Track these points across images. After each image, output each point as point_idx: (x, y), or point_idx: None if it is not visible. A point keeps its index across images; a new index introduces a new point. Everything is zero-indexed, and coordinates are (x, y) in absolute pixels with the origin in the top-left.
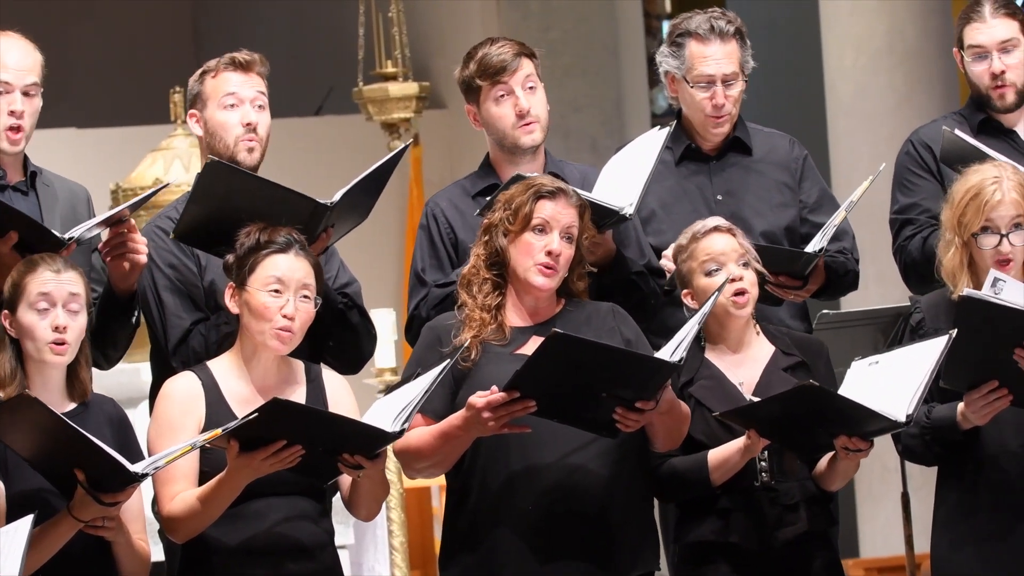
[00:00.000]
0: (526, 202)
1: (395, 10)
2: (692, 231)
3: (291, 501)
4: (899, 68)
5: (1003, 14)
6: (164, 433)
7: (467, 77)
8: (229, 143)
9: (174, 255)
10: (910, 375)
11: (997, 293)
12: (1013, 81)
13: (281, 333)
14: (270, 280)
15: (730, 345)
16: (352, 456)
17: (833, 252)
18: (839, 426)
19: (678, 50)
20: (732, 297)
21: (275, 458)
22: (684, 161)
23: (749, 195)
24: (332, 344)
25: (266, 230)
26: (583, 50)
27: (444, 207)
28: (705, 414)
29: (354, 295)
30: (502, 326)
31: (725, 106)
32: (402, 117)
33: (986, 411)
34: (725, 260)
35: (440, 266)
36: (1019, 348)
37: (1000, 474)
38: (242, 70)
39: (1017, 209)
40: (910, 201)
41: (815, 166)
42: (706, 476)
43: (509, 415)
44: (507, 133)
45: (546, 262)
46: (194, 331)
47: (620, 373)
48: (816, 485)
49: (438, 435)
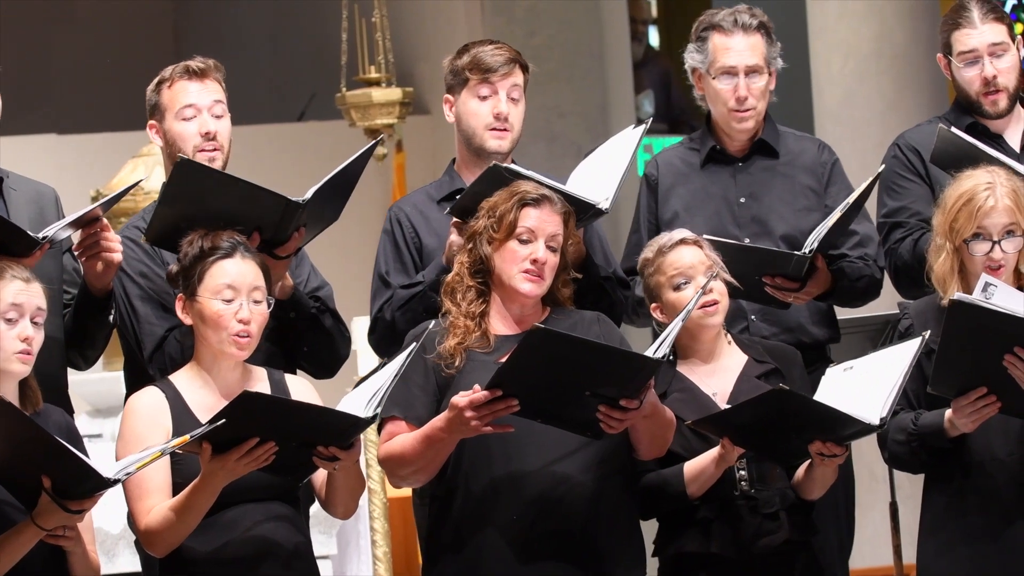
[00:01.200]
0: (510, 210)
1: (378, 15)
2: (658, 244)
3: (266, 506)
4: (887, 73)
5: (992, 18)
6: (132, 448)
7: (458, 67)
8: (188, 153)
9: (144, 263)
10: (884, 378)
11: (988, 298)
12: (1005, 86)
13: (239, 339)
14: (220, 287)
15: (702, 356)
16: (327, 448)
17: (854, 258)
18: (813, 431)
19: (702, 45)
20: (702, 307)
21: (249, 457)
22: (709, 163)
23: (772, 198)
24: (307, 349)
25: (208, 236)
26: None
27: (408, 212)
28: (681, 427)
29: (326, 299)
30: (486, 334)
31: (748, 99)
32: (385, 123)
33: (974, 418)
34: (693, 273)
35: (404, 269)
36: (1009, 354)
37: (987, 481)
38: (197, 78)
39: (1010, 216)
40: (899, 204)
41: (844, 172)
42: (683, 489)
43: (492, 414)
44: (477, 132)
45: (531, 269)
46: (169, 338)
47: (602, 369)
48: (796, 494)
49: (421, 439)
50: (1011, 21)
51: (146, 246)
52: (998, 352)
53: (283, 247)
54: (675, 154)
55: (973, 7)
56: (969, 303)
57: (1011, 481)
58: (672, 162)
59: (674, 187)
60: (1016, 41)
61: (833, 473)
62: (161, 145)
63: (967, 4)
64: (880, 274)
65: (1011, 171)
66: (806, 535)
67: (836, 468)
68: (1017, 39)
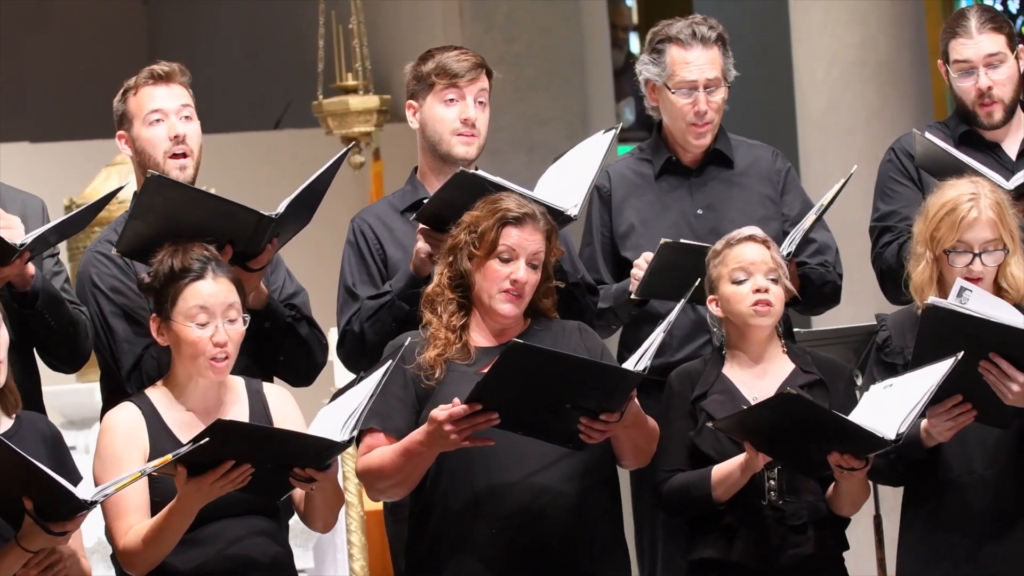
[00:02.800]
0: (492, 228)
1: (355, 21)
2: (727, 237)
3: (246, 521)
4: (872, 81)
5: (989, 28)
6: (109, 467)
7: (423, 72)
8: (159, 159)
9: (117, 279)
10: (911, 395)
11: (963, 302)
12: (1000, 97)
13: (215, 364)
14: (194, 311)
15: (750, 355)
16: (303, 470)
17: (814, 264)
18: (830, 442)
19: (659, 57)
20: (754, 306)
21: (225, 479)
22: (664, 175)
23: (730, 209)
24: (283, 359)
25: (178, 253)
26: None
27: (372, 223)
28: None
29: (302, 305)
30: (467, 345)
31: (707, 113)
32: (363, 131)
33: (950, 426)
34: (754, 270)
35: (371, 281)
36: (985, 360)
37: (965, 498)
38: (163, 82)
39: (992, 230)
40: (890, 208)
41: (798, 179)
42: (708, 492)
43: (472, 428)
44: (444, 138)
45: (511, 289)
46: (146, 355)
47: (582, 383)
48: (828, 507)
49: (400, 452)
50: (1012, 30)
51: (118, 260)
52: (974, 359)
53: (256, 259)
54: (626, 165)
55: (972, 16)
56: (944, 308)
57: (989, 497)
58: (624, 174)
59: (628, 199)
60: (1016, 51)
61: (862, 490)
62: (131, 155)
63: (966, 13)
64: (840, 281)
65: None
66: (835, 550)
67: (866, 485)
68: (1018, 48)
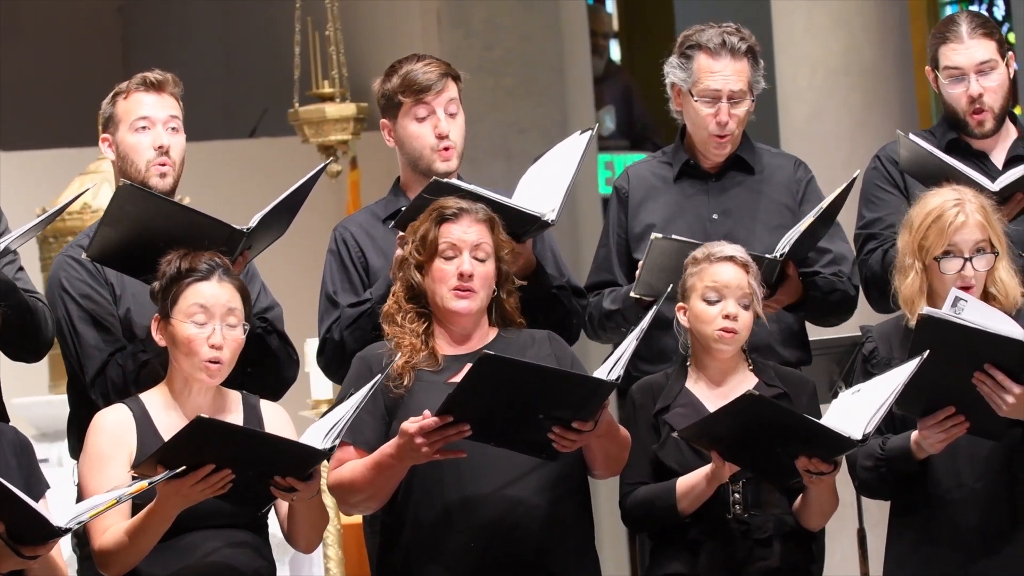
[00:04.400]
0: (430, 229)
1: (332, 28)
2: (710, 250)
3: (227, 532)
4: (856, 89)
5: (981, 34)
6: (95, 466)
7: (389, 91)
8: (140, 167)
9: (88, 284)
10: (878, 397)
11: (958, 313)
12: (991, 105)
13: (210, 366)
14: (193, 310)
15: (712, 376)
16: (284, 478)
17: (827, 274)
18: (795, 446)
19: (687, 62)
20: (719, 331)
21: (205, 483)
22: (683, 178)
23: (747, 216)
24: (249, 370)
25: (187, 256)
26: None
27: (354, 231)
28: (679, 442)
29: (274, 320)
30: (434, 352)
31: (729, 124)
32: (339, 139)
33: (942, 438)
34: (728, 294)
35: (352, 289)
36: (979, 371)
37: (954, 512)
38: (154, 90)
39: (981, 232)
40: (875, 216)
41: (819, 189)
42: (673, 504)
43: (443, 440)
44: (423, 155)
45: (460, 285)
46: (111, 362)
47: (555, 393)
48: (795, 521)
49: (371, 466)
50: (1002, 37)
51: (89, 266)
52: (967, 369)
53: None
54: (647, 167)
55: (963, 21)
56: (939, 318)
57: (979, 511)
58: (644, 175)
59: (645, 201)
60: (1007, 58)
61: (830, 499)
62: (113, 159)
63: (957, 18)
64: (855, 292)
65: (977, 186)
66: (801, 563)
67: (834, 494)
68: (1008, 56)
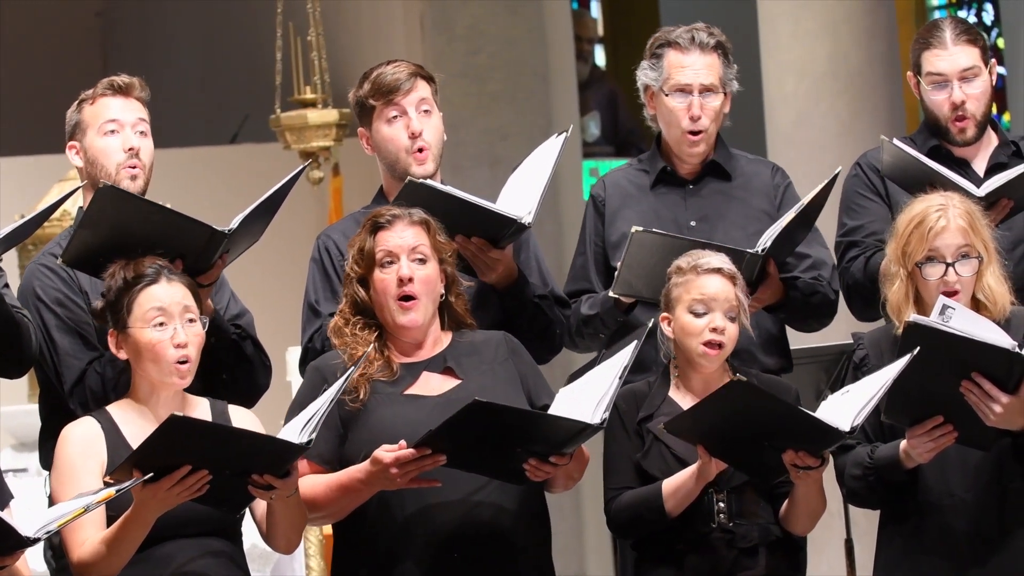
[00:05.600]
0: (366, 239)
1: (314, 34)
2: (696, 261)
3: (202, 542)
4: (843, 94)
5: (964, 40)
6: (66, 479)
7: (360, 97)
8: (111, 170)
9: (62, 292)
10: (866, 393)
11: (946, 321)
12: (973, 112)
13: (179, 367)
14: (152, 314)
15: (695, 385)
16: (261, 476)
17: (807, 279)
18: (783, 438)
19: (657, 61)
20: (704, 345)
21: (181, 486)
22: (659, 184)
23: (725, 222)
24: (226, 377)
25: (129, 266)
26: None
27: (336, 239)
28: (662, 450)
29: (247, 326)
30: (389, 363)
31: (701, 119)
32: (321, 146)
33: (930, 447)
34: (715, 307)
35: (334, 298)
36: (967, 380)
37: (944, 521)
38: (121, 94)
39: (964, 238)
40: (856, 224)
41: (797, 195)
42: (660, 505)
43: (418, 469)
44: (399, 158)
45: (400, 293)
46: (89, 370)
47: (540, 434)
48: (781, 530)
49: (336, 487)
50: (985, 43)
51: (63, 273)
52: (955, 378)
53: (205, 275)
54: (623, 175)
55: (946, 27)
56: (926, 326)
57: (969, 521)
58: (620, 183)
59: (622, 209)
60: (989, 64)
61: (819, 500)
62: (81, 166)
63: (940, 24)
64: (835, 296)
65: (965, 192)
66: (787, 573)
67: (822, 496)
68: (991, 62)
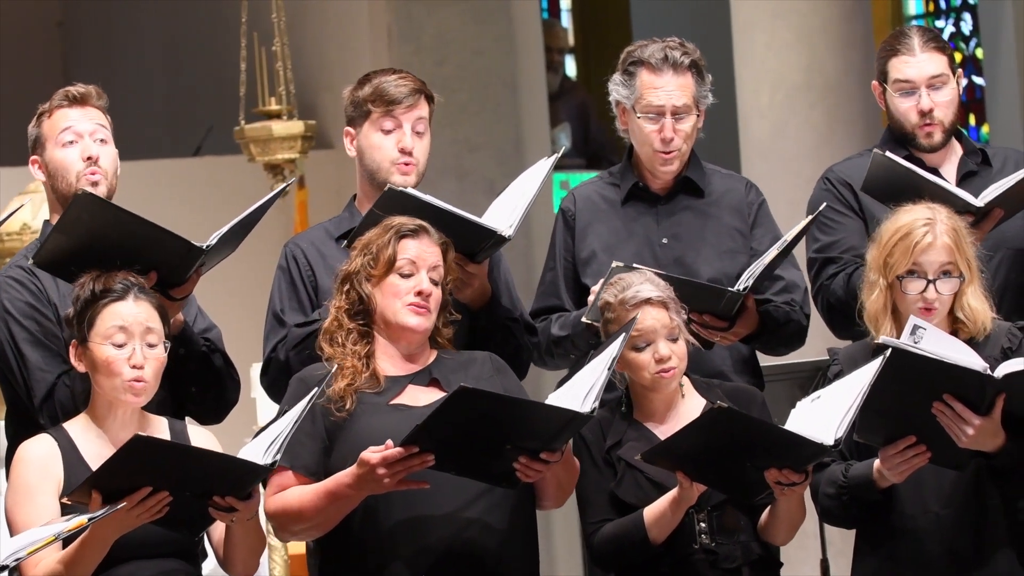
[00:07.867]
0: (388, 244)
1: (279, 44)
2: (623, 295)
3: (159, 563)
4: (819, 105)
5: (932, 48)
6: (22, 500)
7: (359, 98)
8: (71, 180)
9: (30, 305)
10: (843, 401)
11: (916, 342)
12: (941, 119)
13: (134, 385)
14: (111, 331)
15: (657, 406)
16: (223, 498)
17: (779, 303)
18: (766, 458)
19: (629, 79)
20: (657, 373)
21: (141, 507)
22: (631, 201)
23: (697, 240)
24: (195, 390)
25: (100, 278)
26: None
27: (305, 248)
28: (637, 477)
29: (215, 340)
30: (376, 374)
31: (674, 140)
32: (286, 158)
33: (903, 468)
34: (654, 337)
35: (300, 308)
36: (938, 402)
37: (919, 540)
38: (78, 104)
39: (948, 255)
40: (831, 239)
41: (771, 213)
42: (644, 535)
43: (406, 470)
44: (382, 167)
45: (417, 302)
46: (59, 383)
47: (529, 425)
48: (761, 547)
49: (323, 495)
50: (951, 52)
51: (31, 285)
52: (927, 399)
53: (180, 288)
54: (593, 189)
55: (914, 34)
56: (896, 347)
57: (945, 538)
58: (590, 197)
59: (592, 224)
60: (956, 73)
61: (799, 511)
62: (43, 179)
63: (907, 31)
64: (806, 322)
65: (952, 208)
66: None
67: (803, 506)
68: (958, 72)
